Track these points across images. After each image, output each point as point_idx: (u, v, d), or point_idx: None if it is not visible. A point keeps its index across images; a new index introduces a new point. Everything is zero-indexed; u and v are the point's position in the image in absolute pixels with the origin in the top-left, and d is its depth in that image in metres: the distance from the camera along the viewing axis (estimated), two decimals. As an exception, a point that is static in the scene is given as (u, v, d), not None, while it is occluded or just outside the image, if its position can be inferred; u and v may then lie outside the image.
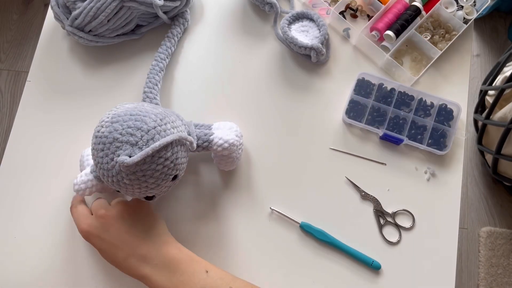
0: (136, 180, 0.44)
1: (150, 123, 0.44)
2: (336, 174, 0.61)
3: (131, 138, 0.43)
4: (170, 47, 0.63)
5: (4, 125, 1.45)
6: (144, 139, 0.43)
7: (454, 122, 0.61)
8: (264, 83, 0.64)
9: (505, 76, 1.09)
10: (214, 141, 0.52)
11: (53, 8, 0.61)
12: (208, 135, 0.53)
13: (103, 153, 0.44)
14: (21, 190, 0.60)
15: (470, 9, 0.65)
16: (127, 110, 0.45)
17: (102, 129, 0.45)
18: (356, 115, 0.62)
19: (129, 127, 0.43)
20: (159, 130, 0.44)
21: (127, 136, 0.43)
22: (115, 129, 0.44)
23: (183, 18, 0.64)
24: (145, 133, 0.43)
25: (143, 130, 0.44)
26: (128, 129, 0.43)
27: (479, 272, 1.29)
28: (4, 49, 1.52)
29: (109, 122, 0.45)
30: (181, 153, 0.47)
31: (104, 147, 0.44)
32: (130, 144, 0.43)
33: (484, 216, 1.35)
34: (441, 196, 0.60)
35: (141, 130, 0.43)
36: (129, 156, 0.43)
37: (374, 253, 0.58)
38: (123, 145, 0.43)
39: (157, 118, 0.45)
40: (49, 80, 0.65)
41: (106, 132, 0.44)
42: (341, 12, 0.66)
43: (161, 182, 0.46)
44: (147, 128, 0.44)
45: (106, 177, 0.46)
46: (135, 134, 0.43)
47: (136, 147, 0.43)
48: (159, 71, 0.60)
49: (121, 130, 0.43)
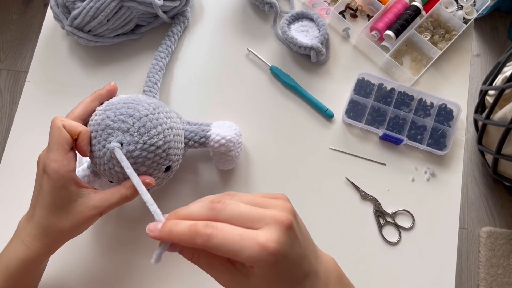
0: None
1: (143, 111, 0.45)
2: (336, 174, 0.61)
3: (123, 125, 0.43)
4: (170, 45, 0.63)
5: (4, 125, 1.45)
6: (135, 126, 0.44)
7: (454, 122, 0.61)
8: (263, 83, 0.64)
9: (505, 76, 1.09)
10: (212, 137, 0.52)
11: (52, 8, 0.61)
12: (206, 131, 0.53)
13: (95, 140, 0.44)
14: (21, 190, 0.60)
15: (470, 9, 0.65)
16: (121, 99, 0.46)
17: (95, 117, 0.45)
18: (356, 115, 0.62)
19: (121, 114, 0.44)
20: (151, 118, 0.45)
21: (118, 123, 0.43)
22: (108, 116, 0.44)
23: (184, 16, 0.64)
24: (137, 120, 0.44)
25: (134, 117, 0.44)
26: (120, 116, 0.44)
27: (479, 272, 1.29)
28: (4, 49, 1.52)
29: (102, 110, 0.45)
30: (175, 143, 0.47)
31: (97, 134, 0.44)
32: (121, 130, 0.43)
33: (484, 216, 1.35)
34: (441, 196, 0.60)
35: (133, 117, 0.44)
36: (120, 142, 0.43)
37: (374, 253, 0.58)
38: (114, 131, 0.43)
39: (149, 107, 0.46)
40: (48, 80, 0.65)
41: (99, 120, 0.44)
42: (341, 12, 0.66)
43: (153, 171, 0.46)
44: (139, 116, 0.44)
45: (98, 165, 0.45)
46: (127, 121, 0.44)
47: (127, 133, 0.43)
48: (159, 70, 0.60)
49: (113, 117, 0.44)
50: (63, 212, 0.43)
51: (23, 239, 0.44)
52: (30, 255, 0.44)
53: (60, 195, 0.43)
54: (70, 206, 0.43)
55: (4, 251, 0.46)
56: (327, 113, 0.62)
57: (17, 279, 0.44)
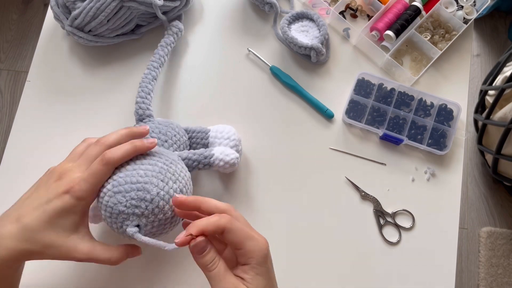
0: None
1: (153, 191, 0.44)
2: (336, 174, 0.61)
3: (136, 210, 0.44)
4: (164, 56, 0.61)
5: (4, 125, 1.45)
6: (149, 208, 0.44)
7: (454, 122, 0.61)
8: (263, 83, 0.64)
9: (505, 76, 1.09)
10: (215, 163, 0.53)
11: (52, 8, 0.61)
12: (208, 157, 0.53)
13: (111, 219, 0.45)
14: (21, 190, 0.60)
15: (470, 9, 0.65)
16: (127, 177, 0.45)
17: (106, 197, 0.45)
18: (356, 115, 0.62)
19: (132, 199, 0.43)
20: (162, 195, 0.45)
21: (132, 208, 0.44)
22: (119, 201, 0.44)
23: (177, 28, 0.62)
24: (149, 202, 0.44)
25: (146, 201, 0.44)
26: (132, 201, 0.43)
27: (479, 272, 1.29)
28: (4, 49, 1.52)
29: (111, 192, 0.44)
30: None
31: (112, 215, 0.44)
32: (136, 215, 0.44)
33: (484, 216, 1.35)
34: (441, 196, 0.60)
35: (144, 201, 0.44)
36: (137, 226, 0.44)
37: (374, 253, 0.58)
38: (130, 216, 0.44)
39: (158, 181, 0.45)
40: (48, 80, 0.65)
41: (111, 203, 0.44)
42: (341, 12, 0.66)
43: (171, 229, 0.48)
44: (151, 198, 0.44)
45: (117, 233, 0.46)
46: (140, 205, 0.44)
47: (142, 217, 0.44)
48: (152, 80, 0.58)
49: (125, 202, 0.44)
50: (53, 232, 0.42)
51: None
52: (4, 255, 0.41)
53: (63, 220, 0.42)
54: (62, 234, 0.42)
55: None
56: (327, 113, 0.62)
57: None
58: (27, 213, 0.42)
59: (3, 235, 0.41)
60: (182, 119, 0.63)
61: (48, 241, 0.42)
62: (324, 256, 0.58)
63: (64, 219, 0.42)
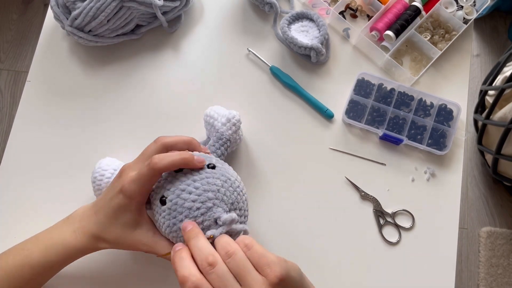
0: None
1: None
2: (336, 174, 0.61)
3: (224, 197, 0.45)
4: None
5: (4, 125, 1.45)
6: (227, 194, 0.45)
7: (454, 122, 0.61)
8: (263, 83, 0.64)
9: (505, 76, 1.09)
10: (224, 132, 0.54)
11: (53, 8, 0.61)
12: (219, 133, 0.54)
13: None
14: (21, 190, 0.60)
15: (470, 9, 0.65)
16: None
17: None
18: (356, 115, 0.62)
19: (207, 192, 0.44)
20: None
21: (216, 199, 0.44)
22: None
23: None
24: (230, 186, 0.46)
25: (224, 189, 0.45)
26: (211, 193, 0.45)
27: (479, 272, 1.29)
28: (4, 49, 1.52)
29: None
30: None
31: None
32: (223, 201, 0.45)
33: (484, 216, 1.35)
34: (441, 196, 0.60)
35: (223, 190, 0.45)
36: (225, 211, 0.45)
37: (374, 253, 0.58)
38: (217, 204, 0.44)
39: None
40: (49, 80, 0.65)
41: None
42: (341, 12, 0.66)
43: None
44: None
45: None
46: (219, 197, 0.45)
47: (223, 202, 0.45)
48: None
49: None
50: (119, 226, 0.46)
51: (76, 229, 0.46)
52: (75, 246, 0.46)
53: (122, 216, 0.45)
54: (126, 229, 0.46)
55: (51, 232, 0.48)
56: (327, 113, 0.62)
57: (51, 263, 0.46)
58: (101, 207, 0.47)
59: (79, 228, 0.46)
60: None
61: (115, 235, 0.46)
62: (324, 256, 0.58)
63: (123, 216, 0.45)
